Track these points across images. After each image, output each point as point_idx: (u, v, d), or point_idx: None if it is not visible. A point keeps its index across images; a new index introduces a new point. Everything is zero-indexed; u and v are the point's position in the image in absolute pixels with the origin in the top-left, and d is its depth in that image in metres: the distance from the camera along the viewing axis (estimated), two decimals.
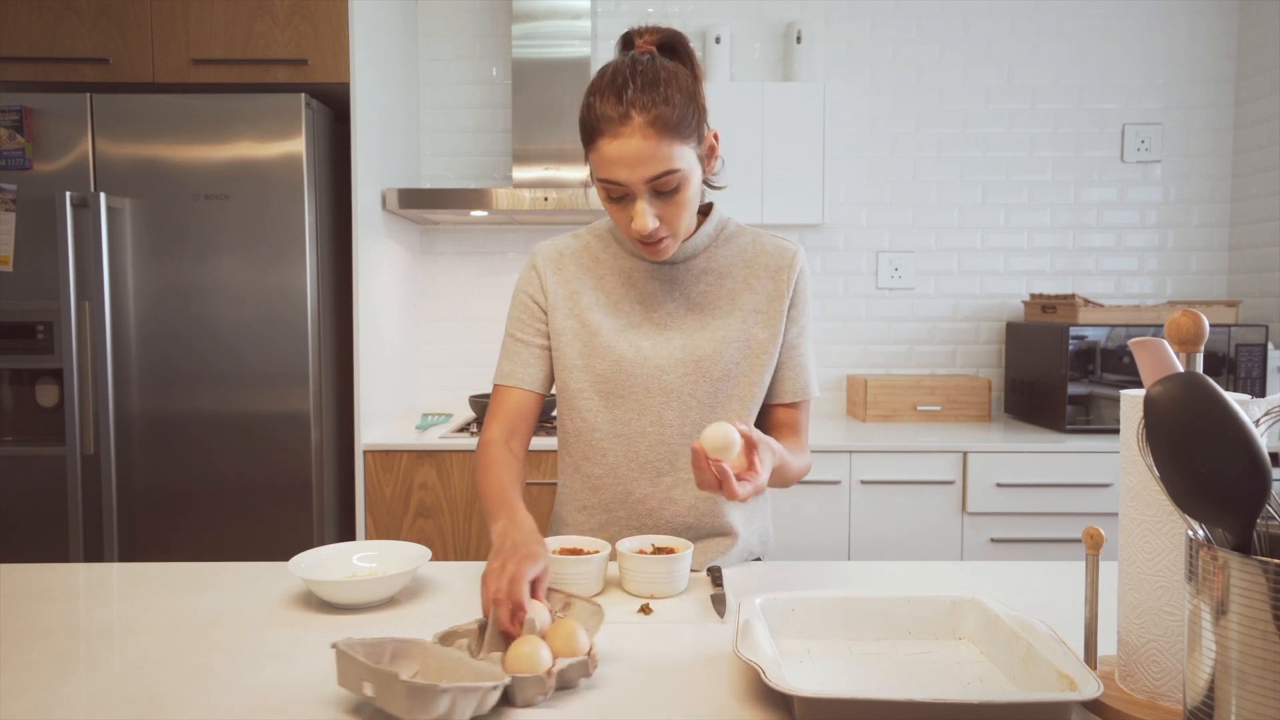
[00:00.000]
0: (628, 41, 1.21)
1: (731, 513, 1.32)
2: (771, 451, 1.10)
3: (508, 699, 0.82)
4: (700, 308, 1.29)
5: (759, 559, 1.42)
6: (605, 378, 1.28)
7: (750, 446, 1.05)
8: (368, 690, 0.77)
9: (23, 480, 2.29)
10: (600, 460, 1.30)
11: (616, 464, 1.29)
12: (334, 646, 0.81)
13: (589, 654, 0.86)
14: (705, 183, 1.25)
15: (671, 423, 1.27)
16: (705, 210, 1.32)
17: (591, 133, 1.14)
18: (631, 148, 1.11)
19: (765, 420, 1.35)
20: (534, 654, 0.84)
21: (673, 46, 1.20)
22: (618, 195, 1.16)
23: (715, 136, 1.21)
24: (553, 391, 1.36)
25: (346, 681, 0.80)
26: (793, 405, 1.33)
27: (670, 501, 1.29)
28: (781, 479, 1.20)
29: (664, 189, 1.14)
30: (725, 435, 1.00)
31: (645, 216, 1.14)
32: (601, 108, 1.12)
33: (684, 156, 1.14)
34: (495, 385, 1.34)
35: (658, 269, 1.30)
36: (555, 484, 2.38)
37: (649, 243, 1.19)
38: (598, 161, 1.15)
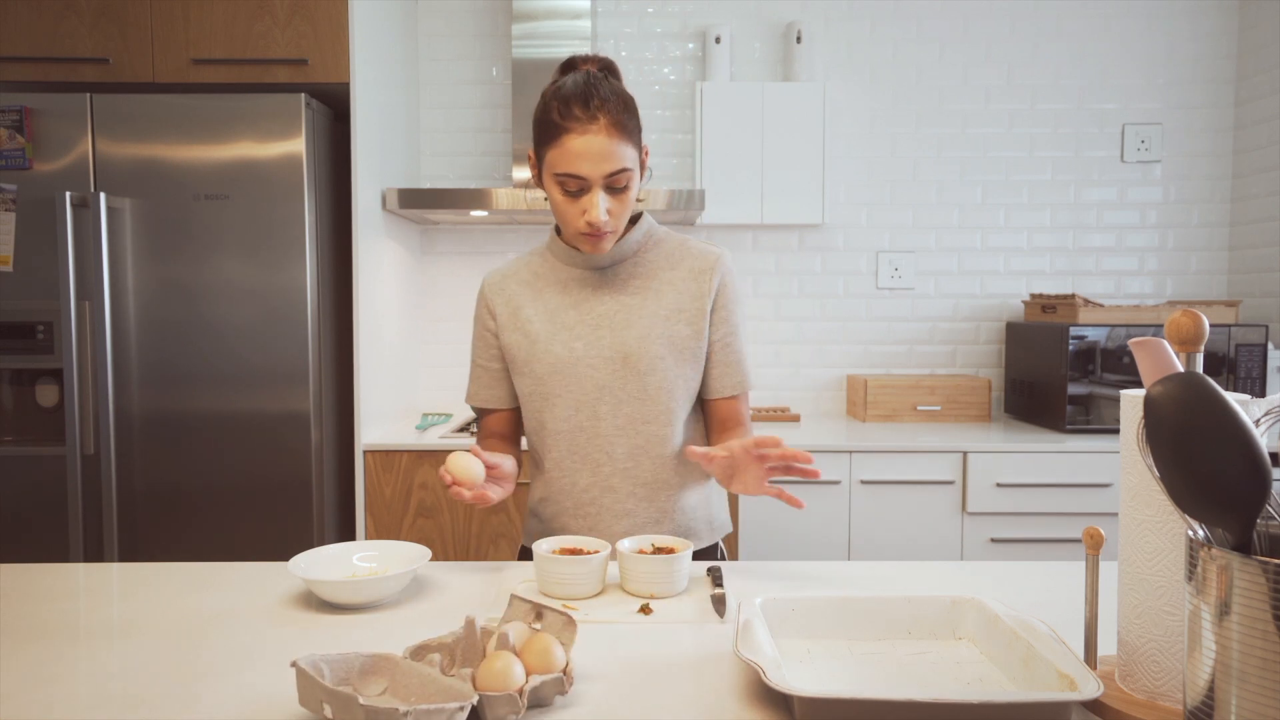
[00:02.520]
0: (570, 64, 1.35)
1: (670, 500, 1.40)
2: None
3: (477, 718, 0.79)
4: (629, 308, 1.38)
5: (716, 544, 1.48)
6: (544, 379, 1.38)
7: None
8: (328, 711, 0.74)
9: (23, 480, 2.29)
10: (548, 455, 1.41)
11: (561, 458, 1.39)
12: (294, 665, 0.78)
13: (564, 670, 0.83)
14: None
15: (605, 416, 1.37)
16: (636, 219, 1.44)
17: (557, 131, 1.26)
18: (597, 144, 1.24)
19: (708, 414, 1.44)
20: (506, 670, 0.80)
21: (610, 69, 1.35)
22: (574, 189, 1.28)
23: (646, 151, 1.36)
24: None
25: (307, 701, 0.77)
26: (731, 399, 1.42)
27: (610, 490, 1.38)
28: None
29: (616, 185, 1.28)
30: (462, 464, 1.21)
31: (600, 208, 1.27)
32: (571, 108, 1.25)
33: (633, 160, 1.29)
34: (472, 406, 1.50)
35: (591, 275, 1.40)
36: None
37: (596, 234, 1.30)
38: (560, 157, 1.26)
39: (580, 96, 1.25)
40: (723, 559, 1.50)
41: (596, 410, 1.36)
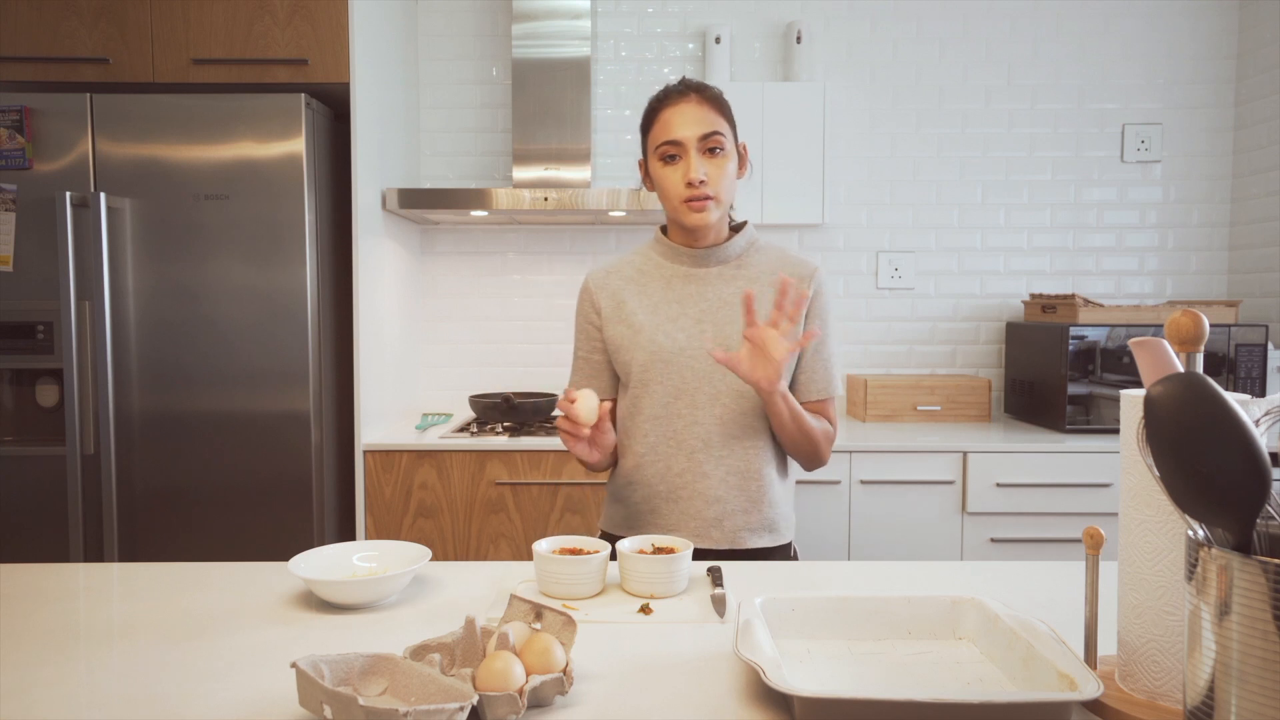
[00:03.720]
0: None
1: (759, 491, 1.45)
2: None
3: (477, 718, 0.79)
4: (731, 305, 1.45)
5: (790, 543, 1.53)
6: (647, 367, 1.45)
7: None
8: (328, 713, 0.74)
9: (23, 480, 2.29)
10: (643, 439, 1.46)
11: (657, 443, 1.45)
12: (294, 666, 0.78)
13: (565, 670, 0.83)
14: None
15: (704, 404, 1.43)
16: (740, 227, 1.52)
17: (654, 112, 1.43)
18: (689, 109, 1.40)
19: None
20: (506, 670, 0.80)
21: None
22: (673, 154, 1.40)
23: (744, 148, 1.48)
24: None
25: (307, 702, 0.77)
26: (819, 402, 1.49)
27: (703, 476, 1.43)
28: (801, 428, 1.40)
29: (710, 147, 1.39)
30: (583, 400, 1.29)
31: (696, 166, 1.38)
32: (667, 92, 1.43)
33: (727, 132, 1.42)
34: None
35: (695, 272, 1.48)
36: (555, 484, 2.41)
37: (696, 198, 1.39)
38: (659, 130, 1.41)
39: (674, 84, 1.44)
40: (795, 558, 1.55)
41: (695, 399, 1.43)
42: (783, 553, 1.51)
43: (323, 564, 1.18)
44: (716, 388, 1.43)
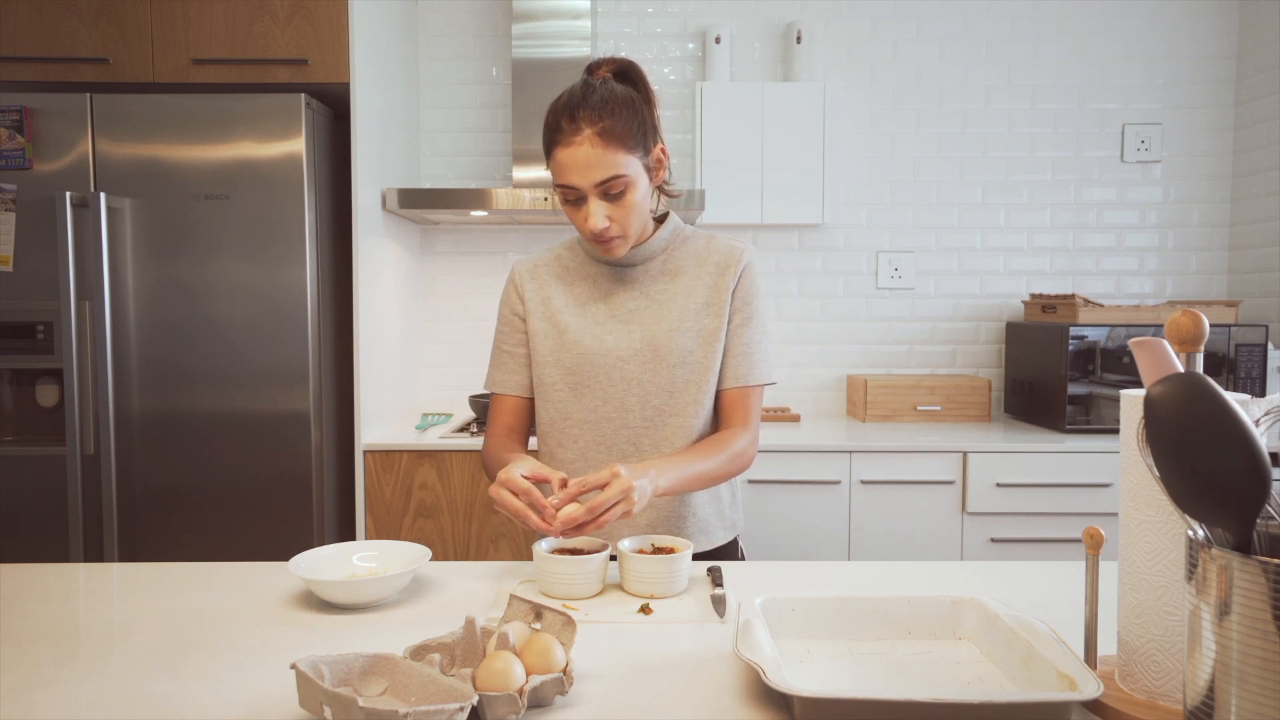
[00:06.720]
0: (590, 70, 1.36)
1: (692, 495, 1.41)
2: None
3: (477, 718, 0.79)
4: (658, 303, 1.40)
5: (735, 541, 1.49)
6: (573, 370, 1.39)
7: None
8: (327, 714, 0.74)
9: (23, 480, 2.29)
10: (571, 446, 1.41)
11: (586, 449, 1.40)
12: (294, 667, 0.78)
13: (565, 670, 0.83)
14: (661, 189, 1.41)
15: (633, 408, 1.38)
16: (663, 218, 1.46)
17: (549, 144, 1.30)
18: (582, 155, 1.26)
19: (715, 404, 1.43)
20: (506, 670, 0.80)
21: (627, 74, 1.36)
22: (572, 198, 1.30)
23: (663, 150, 1.36)
24: None
25: (307, 703, 0.77)
26: (735, 390, 1.40)
27: None
28: (706, 479, 1.32)
29: (611, 192, 1.28)
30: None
31: (596, 216, 1.29)
32: (559, 121, 1.28)
33: (629, 165, 1.28)
34: (491, 394, 1.49)
35: (620, 272, 1.43)
36: None
37: (601, 240, 1.32)
38: (555, 169, 1.30)
39: (567, 109, 1.27)
40: (741, 558, 1.51)
41: (625, 402, 1.38)
42: (728, 554, 1.46)
43: (323, 564, 1.18)
44: (646, 390, 1.37)
